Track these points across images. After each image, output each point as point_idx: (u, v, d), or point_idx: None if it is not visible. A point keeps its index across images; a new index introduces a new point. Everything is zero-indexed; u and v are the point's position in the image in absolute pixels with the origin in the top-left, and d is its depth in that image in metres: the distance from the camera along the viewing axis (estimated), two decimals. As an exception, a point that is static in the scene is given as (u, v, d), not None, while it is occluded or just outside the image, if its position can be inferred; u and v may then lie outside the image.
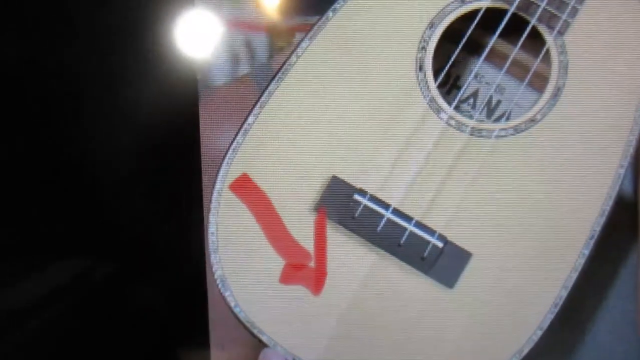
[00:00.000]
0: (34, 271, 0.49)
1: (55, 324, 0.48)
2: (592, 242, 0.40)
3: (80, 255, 0.48)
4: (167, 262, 0.47)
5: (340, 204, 0.40)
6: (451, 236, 0.40)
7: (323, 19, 0.39)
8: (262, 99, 0.40)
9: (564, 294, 0.41)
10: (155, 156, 0.44)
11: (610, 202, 0.40)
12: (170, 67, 0.40)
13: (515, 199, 0.40)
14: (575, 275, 0.40)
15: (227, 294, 0.43)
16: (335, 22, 0.39)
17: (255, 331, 0.41)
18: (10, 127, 0.47)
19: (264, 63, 0.40)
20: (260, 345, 0.41)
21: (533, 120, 0.39)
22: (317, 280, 0.42)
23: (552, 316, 0.41)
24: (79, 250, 0.48)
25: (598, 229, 0.40)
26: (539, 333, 0.41)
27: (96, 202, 0.47)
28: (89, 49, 0.45)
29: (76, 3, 0.45)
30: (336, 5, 0.39)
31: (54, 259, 0.48)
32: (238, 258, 0.42)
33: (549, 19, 0.38)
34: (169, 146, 0.43)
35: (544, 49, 0.38)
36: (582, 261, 0.41)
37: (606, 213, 0.40)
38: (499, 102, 0.40)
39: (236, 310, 0.41)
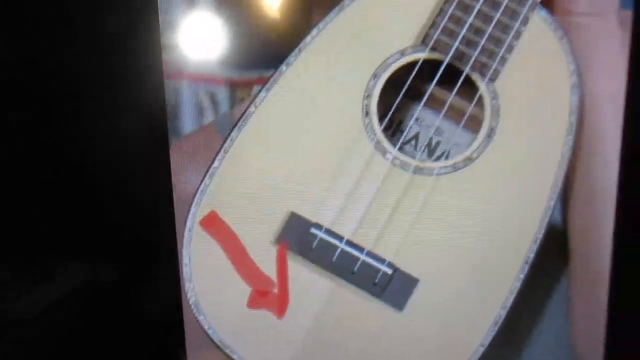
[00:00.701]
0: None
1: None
2: (526, 267, 0.44)
3: (58, 283, 0.52)
4: (147, 290, 0.51)
5: (299, 237, 0.44)
6: (400, 264, 0.44)
7: (277, 72, 0.43)
8: (226, 145, 0.44)
9: (503, 313, 0.44)
10: (132, 197, 0.48)
11: (542, 231, 0.43)
12: (142, 118, 0.45)
13: (457, 229, 0.43)
14: (512, 297, 0.44)
15: (200, 317, 0.47)
16: (288, 75, 0.43)
17: (227, 350, 0.45)
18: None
19: (226, 113, 0.44)
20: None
21: (470, 159, 0.43)
22: (280, 304, 0.46)
23: (493, 334, 0.45)
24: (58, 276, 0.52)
25: (532, 255, 0.44)
26: (481, 349, 0.44)
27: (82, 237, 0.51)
28: (64, 112, 0.48)
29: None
30: (289, 60, 0.42)
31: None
32: (209, 286, 0.46)
33: (481, 68, 0.41)
34: (145, 188, 0.47)
35: (477, 95, 0.42)
36: (518, 284, 0.44)
37: (539, 241, 0.44)
38: (438, 142, 0.44)
39: (209, 331, 0.45)
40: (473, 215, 0.43)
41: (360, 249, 0.43)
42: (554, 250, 0.44)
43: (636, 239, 0.46)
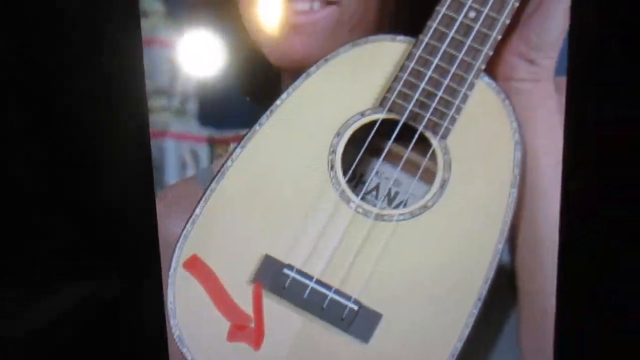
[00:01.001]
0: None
1: None
2: (479, 304, 0.48)
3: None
4: (135, 324, 0.55)
5: (273, 277, 0.48)
6: (364, 300, 0.48)
7: (251, 131, 0.47)
8: (206, 195, 0.48)
9: (459, 346, 0.48)
10: (122, 242, 0.52)
11: (492, 271, 0.48)
12: (130, 171, 0.49)
13: (415, 270, 0.48)
14: (467, 331, 0.48)
15: (184, 350, 0.51)
16: (261, 133, 0.47)
17: (209, 380, 0.50)
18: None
19: (206, 167, 0.49)
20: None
21: (425, 207, 0.47)
22: (257, 338, 0.50)
23: (450, 365, 0.49)
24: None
25: (484, 293, 0.48)
26: (439, 380, 0.49)
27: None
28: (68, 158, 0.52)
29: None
30: (262, 120, 0.47)
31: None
32: (192, 321, 0.50)
33: (433, 127, 0.46)
34: (133, 234, 0.51)
35: (431, 151, 0.46)
36: (472, 320, 0.48)
37: (489, 280, 0.48)
38: (397, 193, 0.48)
39: None
40: (430, 257, 0.47)
41: (328, 287, 0.47)
42: (504, 289, 0.48)
43: (578, 280, 0.50)
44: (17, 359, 0.54)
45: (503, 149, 0.46)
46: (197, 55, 0.47)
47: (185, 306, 0.49)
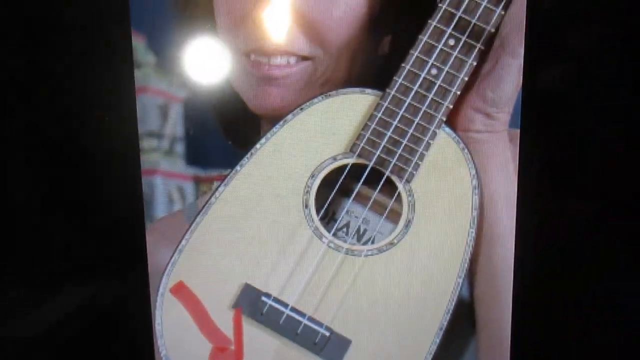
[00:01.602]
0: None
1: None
2: (441, 333, 0.52)
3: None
4: (123, 345, 0.59)
5: (252, 303, 0.52)
6: (335, 327, 0.52)
7: (233, 171, 0.51)
8: (191, 227, 0.52)
9: None
10: (113, 269, 0.57)
11: (453, 303, 0.51)
12: (120, 205, 0.53)
13: (382, 300, 0.52)
14: (430, 358, 0.52)
15: None
16: (243, 173, 0.51)
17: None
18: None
19: (192, 202, 0.53)
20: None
21: (392, 244, 0.51)
22: (236, 359, 0.54)
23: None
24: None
25: (445, 323, 0.52)
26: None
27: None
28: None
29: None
30: (243, 162, 0.51)
31: None
32: (177, 342, 0.55)
33: (399, 171, 0.50)
34: (123, 263, 0.55)
35: (397, 193, 0.50)
36: (434, 347, 0.52)
37: (450, 311, 0.52)
38: (365, 230, 0.52)
39: None
40: (395, 289, 0.51)
41: (302, 314, 0.51)
42: (463, 319, 0.52)
43: (532, 311, 0.53)
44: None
45: (462, 192, 0.50)
46: (184, 103, 0.52)
47: (172, 328, 0.53)
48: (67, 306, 0.59)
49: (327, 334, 0.51)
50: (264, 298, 0.51)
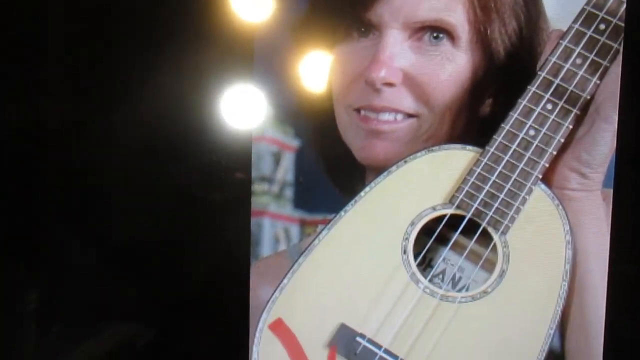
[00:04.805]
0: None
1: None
2: (531, 385, 0.53)
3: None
4: None
5: (347, 343, 0.54)
6: (427, 372, 0.54)
7: (337, 216, 0.55)
8: (294, 267, 0.56)
9: None
10: (218, 303, 0.60)
11: (544, 354, 0.53)
12: (229, 245, 0.57)
13: (474, 347, 0.53)
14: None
15: None
16: (346, 218, 0.55)
17: None
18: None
19: (295, 243, 0.57)
20: None
21: (485, 292, 0.53)
22: None
23: None
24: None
25: None
26: None
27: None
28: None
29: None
30: (347, 207, 0.55)
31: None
32: (273, 378, 0.57)
33: (495, 224, 0.53)
34: (227, 298, 0.59)
35: (492, 243, 0.53)
36: None
37: (541, 362, 0.53)
38: (460, 277, 0.55)
39: None
40: (487, 337, 0.53)
41: (394, 356, 0.53)
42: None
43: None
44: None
45: (556, 246, 0.52)
46: (296, 151, 0.56)
47: (267, 363, 0.55)
48: (179, 336, 0.62)
49: (418, 378, 0.53)
50: (358, 338, 0.53)
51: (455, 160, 0.53)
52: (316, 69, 0.55)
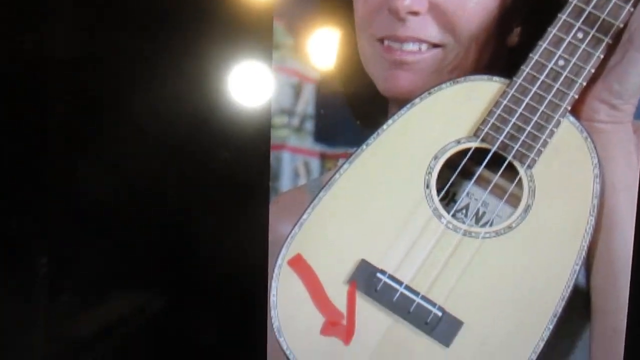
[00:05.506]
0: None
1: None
2: (555, 319, 0.52)
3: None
4: (239, 314, 0.61)
5: (367, 280, 0.54)
6: (448, 308, 0.53)
7: (359, 149, 0.54)
8: (314, 202, 0.55)
9: (534, 358, 0.52)
10: (234, 239, 0.59)
11: (569, 290, 0.52)
12: (248, 177, 0.56)
13: (497, 284, 0.52)
14: (542, 344, 0.52)
15: (281, 339, 0.56)
16: (368, 152, 0.54)
17: (301, 369, 0.55)
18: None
19: (316, 177, 0.56)
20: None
21: (510, 227, 0.52)
22: (347, 334, 0.55)
23: (523, 375, 0.52)
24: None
25: (559, 309, 0.52)
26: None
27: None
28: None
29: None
30: (369, 141, 0.54)
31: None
32: (290, 314, 0.56)
33: (521, 157, 0.51)
34: (245, 232, 0.58)
35: (518, 177, 0.52)
36: (547, 334, 0.52)
37: (565, 298, 0.52)
38: (484, 213, 0.54)
39: (287, 352, 0.55)
40: (511, 273, 0.52)
41: (416, 293, 0.52)
42: (578, 307, 0.52)
43: None
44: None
45: (584, 180, 0.51)
46: (317, 83, 0.55)
47: (286, 300, 0.54)
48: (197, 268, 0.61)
49: (439, 314, 0.52)
50: (379, 274, 0.53)
51: (481, 92, 0.51)
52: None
